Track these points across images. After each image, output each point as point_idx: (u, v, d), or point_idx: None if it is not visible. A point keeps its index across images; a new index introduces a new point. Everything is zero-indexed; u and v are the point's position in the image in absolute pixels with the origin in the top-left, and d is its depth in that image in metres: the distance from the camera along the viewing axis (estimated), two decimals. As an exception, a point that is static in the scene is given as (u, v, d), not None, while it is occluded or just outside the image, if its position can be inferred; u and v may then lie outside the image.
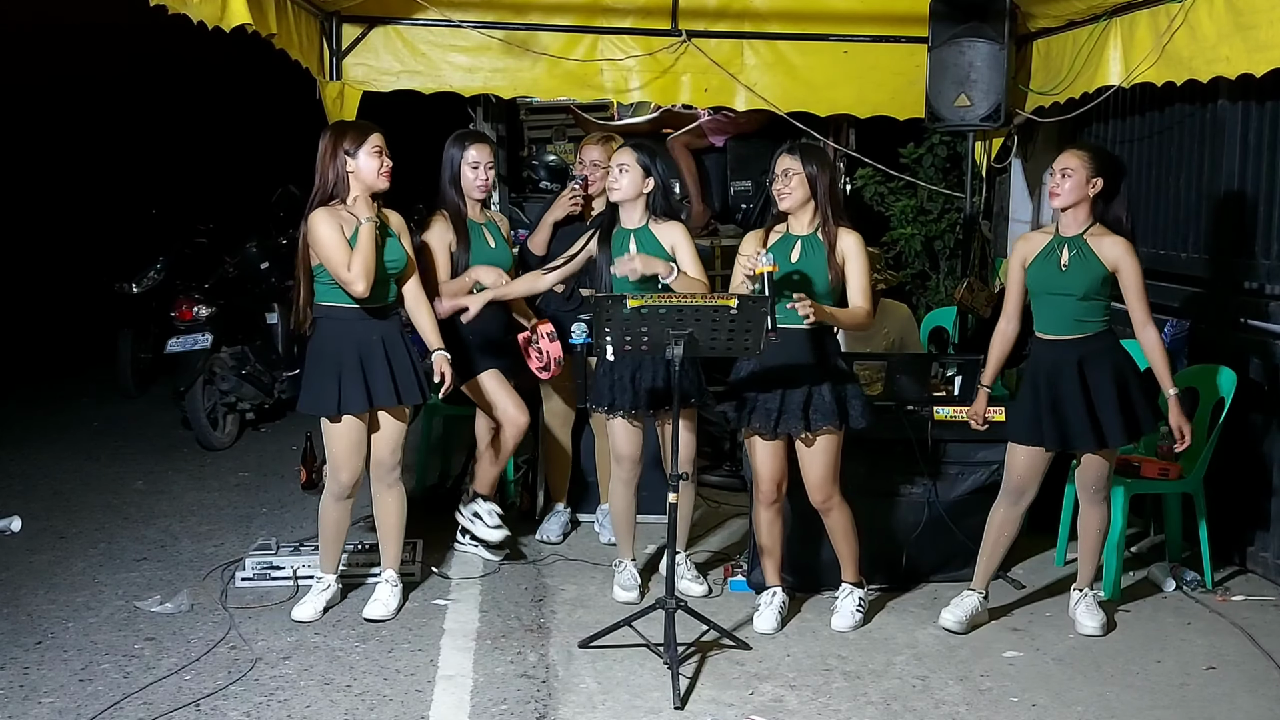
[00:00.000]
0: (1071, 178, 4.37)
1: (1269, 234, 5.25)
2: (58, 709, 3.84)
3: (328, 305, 4.50)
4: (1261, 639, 4.53)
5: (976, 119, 6.13)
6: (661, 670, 4.14)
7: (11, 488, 6.40)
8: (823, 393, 4.42)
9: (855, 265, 4.45)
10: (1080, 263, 4.37)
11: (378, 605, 4.65)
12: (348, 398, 4.47)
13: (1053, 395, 4.43)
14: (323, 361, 4.50)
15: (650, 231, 4.72)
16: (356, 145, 4.44)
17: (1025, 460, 4.52)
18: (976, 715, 3.94)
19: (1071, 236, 4.41)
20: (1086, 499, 4.62)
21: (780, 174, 4.48)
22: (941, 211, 7.52)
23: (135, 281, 8.49)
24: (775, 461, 4.56)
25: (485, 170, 5.08)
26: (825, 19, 6.56)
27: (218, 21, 4.43)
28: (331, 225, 4.38)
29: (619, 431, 4.81)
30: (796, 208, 4.48)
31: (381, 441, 4.66)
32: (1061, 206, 4.41)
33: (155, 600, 4.75)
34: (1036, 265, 4.46)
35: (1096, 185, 4.39)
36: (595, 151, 5.50)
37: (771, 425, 4.47)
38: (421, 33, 6.39)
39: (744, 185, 7.85)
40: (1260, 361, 5.25)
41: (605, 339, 4.18)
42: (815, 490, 4.54)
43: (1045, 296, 4.45)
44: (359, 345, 4.49)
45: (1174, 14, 4.97)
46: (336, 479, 4.58)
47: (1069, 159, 4.41)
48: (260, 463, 7.12)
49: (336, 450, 4.56)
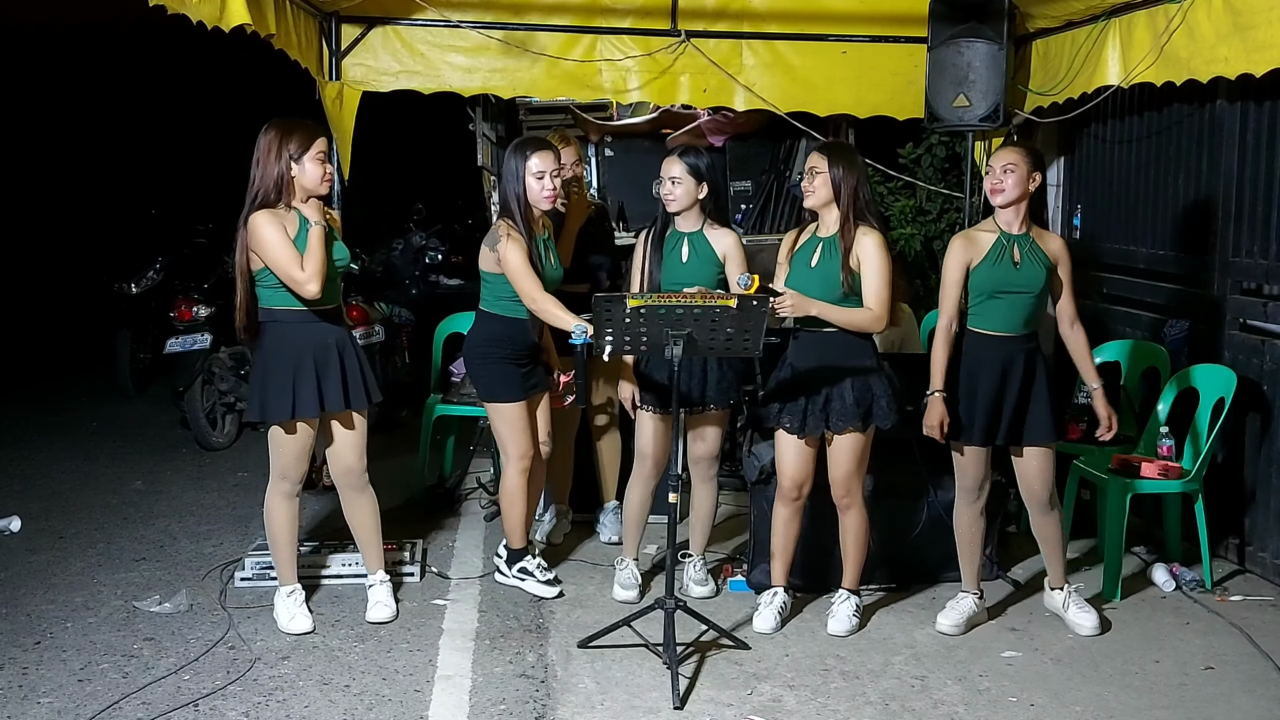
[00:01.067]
0: (1014, 173, 4.39)
1: (1268, 234, 5.25)
2: (56, 709, 3.84)
3: (275, 309, 4.40)
4: (1260, 639, 4.53)
5: (975, 119, 6.13)
6: (660, 670, 4.14)
7: (10, 488, 6.40)
8: (844, 394, 4.44)
9: (870, 267, 4.43)
10: (1032, 261, 4.42)
11: (380, 608, 4.64)
12: (301, 403, 4.38)
13: (995, 392, 4.44)
14: (275, 367, 4.39)
15: (705, 236, 4.74)
16: (301, 150, 4.33)
17: (974, 457, 4.54)
18: (975, 715, 3.93)
19: (1020, 234, 4.44)
20: (1038, 509, 4.60)
21: (806, 171, 4.50)
22: (941, 211, 7.52)
23: (134, 282, 8.50)
24: (800, 461, 4.56)
25: (551, 179, 4.74)
26: (824, 19, 6.55)
27: (217, 21, 4.43)
28: (275, 227, 4.27)
29: (646, 430, 4.81)
30: (820, 206, 4.50)
31: (346, 448, 4.58)
32: (1004, 203, 4.43)
33: (154, 600, 4.75)
34: (987, 265, 4.43)
35: (1036, 180, 4.43)
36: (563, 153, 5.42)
37: (799, 425, 4.48)
38: (420, 33, 6.39)
39: (743, 185, 7.84)
40: (1260, 361, 5.25)
41: (605, 338, 4.18)
42: (836, 484, 4.55)
43: (999, 295, 4.44)
44: (314, 349, 4.41)
45: (1172, 14, 4.96)
46: (285, 478, 4.50)
47: (1009, 155, 4.43)
48: (259, 463, 7.05)
49: (287, 455, 4.47)
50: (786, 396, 4.53)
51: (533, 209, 4.76)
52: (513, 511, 4.95)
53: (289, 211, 4.37)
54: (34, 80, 10.73)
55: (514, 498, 4.92)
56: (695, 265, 4.71)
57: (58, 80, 10.82)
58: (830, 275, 4.44)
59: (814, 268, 4.47)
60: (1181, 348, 5.65)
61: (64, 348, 10.24)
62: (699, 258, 4.71)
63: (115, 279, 8.56)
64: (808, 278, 4.47)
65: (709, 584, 4.96)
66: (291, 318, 4.41)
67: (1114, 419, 4.57)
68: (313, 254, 4.29)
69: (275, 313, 4.42)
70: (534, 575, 4.94)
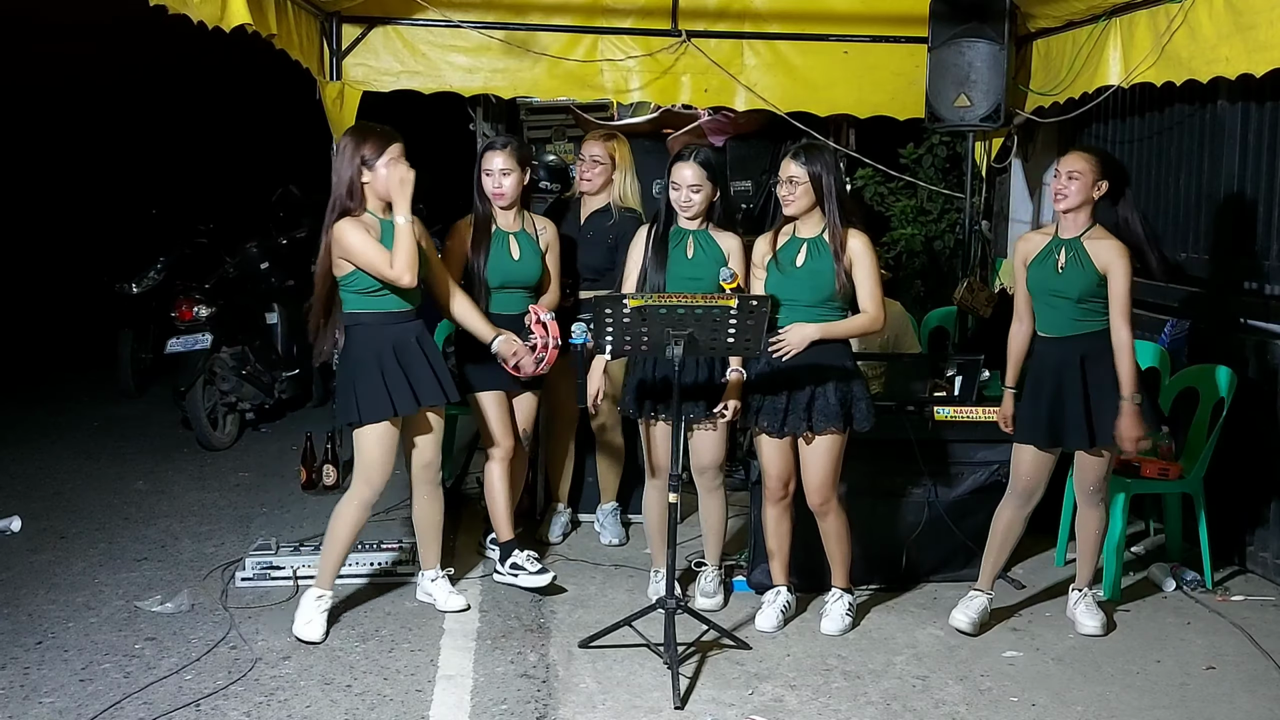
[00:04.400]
0: (1078, 180, 4.36)
1: (1269, 234, 5.26)
2: (58, 709, 3.84)
3: (359, 313, 4.45)
4: (1261, 639, 4.54)
5: (976, 119, 6.13)
6: (661, 670, 4.14)
7: (12, 488, 6.40)
8: (828, 394, 4.42)
9: (863, 268, 4.42)
10: (1076, 266, 4.37)
11: (454, 598, 4.74)
12: (399, 400, 4.43)
13: (1055, 392, 4.42)
14: (364, 369, 4.43)
15: (710, 235, 4.68)
16: (375, 154, 4.39)
17: (1031, 460, 4.51)
18: (976, 715, 3.94)
19: (1070, 239, 4.41)
20: (1085, 500, 4.62)
21: (785, 180, 4.45)
22: (941, 211, 7.52)
23: (135, 281, 8.49)
24: (782, 460, 4.56)
25: (499, 177, 4.92)
26: (825, 19, 6.56)
27: (217, 21, 4.43)
28: (358, 231, 4.34)
29: (660, 441, 4.71)
30: (802, 213, 4.47)
31: (426, 442, 4.66)
32: (1066, 209, 4.39)
33: (155, 600, 4.75)
34: (1035, 266, 4.46)
35: (1102, 188, 4.38)
36: (596, 147, 5.47)
37: (779, 424, 4.47)
38: (421, 33, 6.39)
39: (744, 185, 7.84)
40: (1260, 361, 5.25)
41: (605, 338, 4.18)
42: (813, 492, 4.53)
43: (1044, 297, 4.45)
44: (395, 347, 4.46)
45: (1173, 14, 4.96)
46: (370, 485, 4.47)
47: (1076, 161, 4.38)
48: (260, 463, 7.13)
49: (375, 455, 4.44)
50: (764, 397, 4.50)
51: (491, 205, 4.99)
52: (493, 506, 5.02)
53: (368, 215, 4.43)
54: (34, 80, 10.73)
55: (491, 491, 5.00)
56: (702, 262, 4.62)
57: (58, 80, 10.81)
58: (820, 275, 4.42)
59: (800, 268, 4.45)
60: (1181, 348, 5.65)
61: (65, 348, 10.23)
62: (706, 255, 4.63)
63: (116, 279, 8.55)
64: (795, 279, 4.45)
65: (718, 595, 4.87)
66: (375, 320, 4.45)
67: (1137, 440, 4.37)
68: (402, 247, 4.33)
69: (359, 316, 4.46)
70: (525, 568, 4.94)
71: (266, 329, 8.14)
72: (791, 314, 4.46)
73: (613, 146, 5.49)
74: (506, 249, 4.98)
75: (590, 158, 5.47)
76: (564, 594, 4.98)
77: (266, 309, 8.21)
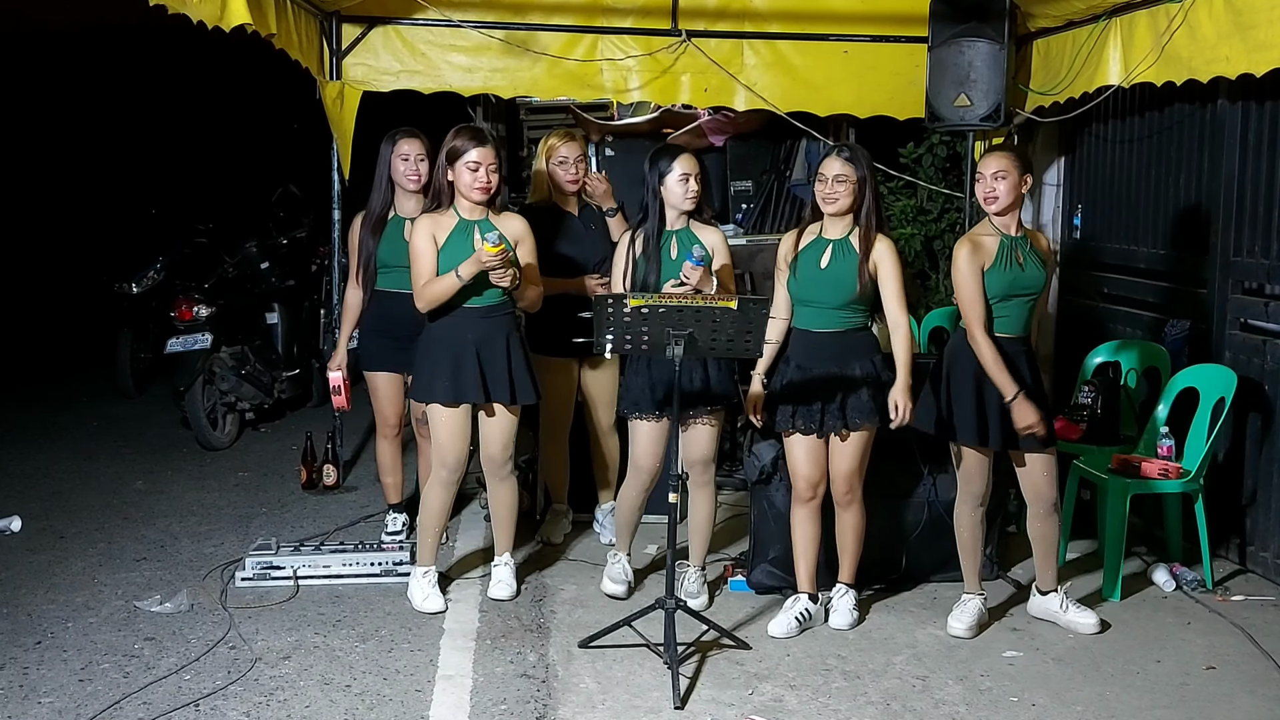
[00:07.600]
0: (1006, 179, 4.39)
1: (1269, 234, 5.25)
2: (57, 709, 3.84)
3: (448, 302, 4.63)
4: (1261, 639, 4.53)
5: (976, 119, 6.13)
6: (661, 670, 4.14)
7: (11, 488, 6.40)
8: (860, 391, 4.46)
9: (890, 274, 4.45)
10: (1032, 261, 4.43)
11: (502, 586, 4.86)
12: (460, 389, 4.60)
13: (997, 394, 4.41)
14: (439, 354, 4.61)
15: (692, 232, 4.71)
16: (456, 156, 4.54)
17: (977, 461, 4.53)
18: (976, 715, 3.94)
19: (1019, 236, 4.46)
20: (1041, 511, 4.58)
21: (831, 178, 4.45)
22: (941, 211, 7.51)
23: (135, 281, 8.50)
24: (814, 462, 4.55)
25: (416, 163, 5.18)
26: (825, 19, 6.56)
27: (217, 21, 4.43)
28: (423, 237, 4.56)
29: (642, 440, 4.73)
30: (842, 213, 4.48)
31: (492, 439, 4.75)
32: (1000, 209, 4.42)
33: (155, 600, 4.75)
34: (998, 270, 4.41)
35: (1028, 182, 4.44)
36: (573, 148, 5.36)
37: (816, 424, 4.48)
38: (421, 33, 6.39)
39: (744, 185, 7.84)
40: (1260, 361, 5.25)
41: (605, 338, 4.18)
42: (840, 480, 4.54)
43: (1010, 299, 4.43)
44: (476, 341, 4.60)
45: (1173, 14, 4.97)
46: (444, 465, 4.70)
47: (1000, 161, 4.41)
48: (260, 463, 7.13)
49: (441, 437, 4.68)
50: (798, 398, 4.50)
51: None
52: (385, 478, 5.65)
53: (448, 213, 4.61)
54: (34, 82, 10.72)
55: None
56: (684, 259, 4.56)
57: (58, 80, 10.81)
58: (843, 278, 4.44)
59: (825, 269, 4.46)
60: (1181, 348, 5.64)
61: (65, 347, 10.23)
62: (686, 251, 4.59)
63: (116, 279, 8.55)
64: (819, 279, 4.47)
65: (702, 596, 4.85)
66: (460, 312, 4.61)
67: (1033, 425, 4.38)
68: (435, 287, 4.53)
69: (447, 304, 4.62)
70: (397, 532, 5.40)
71: (266, 329, 8.15)
72: (814, 315, 4.49)
73: (581, 141, 5.46)
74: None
75: (573, 159, 5.38)
76: (564, 594, 4.97)
77: (266, 309, 8.21)
